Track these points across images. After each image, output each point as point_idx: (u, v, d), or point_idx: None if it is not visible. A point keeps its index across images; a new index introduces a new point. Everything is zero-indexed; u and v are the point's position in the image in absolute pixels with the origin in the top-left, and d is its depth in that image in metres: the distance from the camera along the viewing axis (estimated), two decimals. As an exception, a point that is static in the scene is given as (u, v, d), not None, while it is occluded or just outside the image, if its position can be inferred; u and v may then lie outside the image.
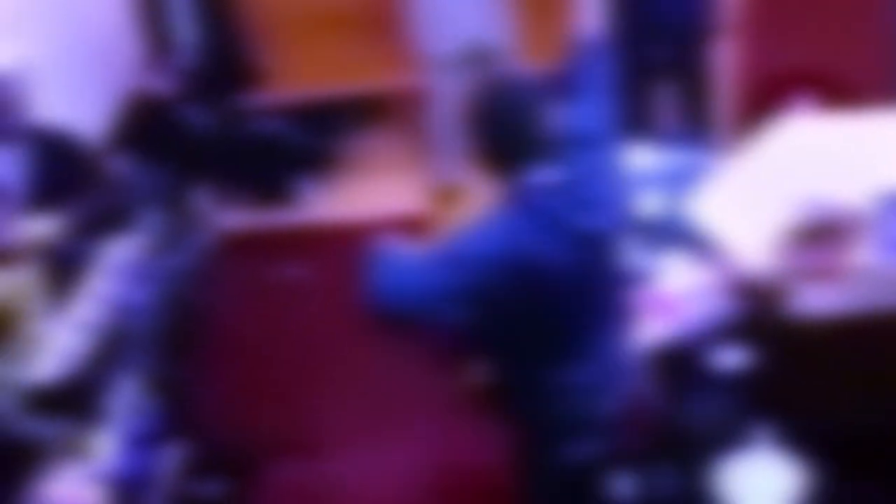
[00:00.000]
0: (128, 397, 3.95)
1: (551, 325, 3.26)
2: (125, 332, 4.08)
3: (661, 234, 3.84)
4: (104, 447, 3.72)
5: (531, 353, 3.32)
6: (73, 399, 3.71)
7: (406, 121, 6.33)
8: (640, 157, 4.26)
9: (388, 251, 3.21)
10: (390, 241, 3.25)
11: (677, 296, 3.58)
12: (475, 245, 3.13)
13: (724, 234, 3.54)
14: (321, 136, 6.54)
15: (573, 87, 3.44)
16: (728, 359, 3.33)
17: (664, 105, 5.99)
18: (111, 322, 4.05)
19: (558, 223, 3.13)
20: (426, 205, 6.00)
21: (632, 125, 5.92)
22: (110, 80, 5.72)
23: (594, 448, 3.42)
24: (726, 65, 5.88)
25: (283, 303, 5.59)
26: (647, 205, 4.00)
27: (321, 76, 6.33)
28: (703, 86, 5.91)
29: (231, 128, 6.41)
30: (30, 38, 4.74)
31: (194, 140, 6.19)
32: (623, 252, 3.61)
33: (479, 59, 5.78)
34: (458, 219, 4.77)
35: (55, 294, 3.99)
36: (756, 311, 3.38)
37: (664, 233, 3.83)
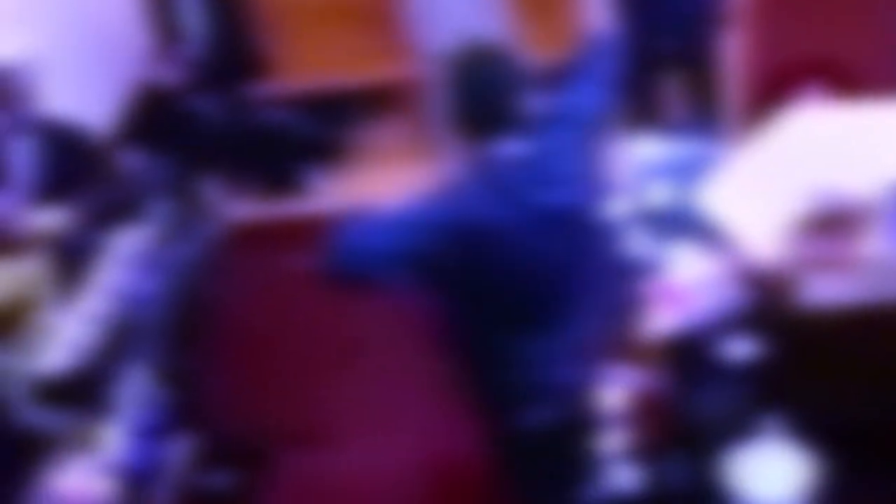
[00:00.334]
0: (136, 388, 3.95)
1: (506, 294, 3.27)
2: (134, 324, 4.09)
3: (669, 224, 3.83)
4: (112, 439, 3.72)
5: (487, 320, 3.34)
6: (81, 390, 3.72)
7: (414, 111, 6.32)
8: (648, 147, 4.25)
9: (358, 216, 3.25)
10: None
11: (686, 286, 3.58)
12: (426, 210, 3.17)
13: (733, 225, 3.53)
14: (329, 126, 6.54)
15: (569, 74, 3.45)
16: (737, 349, 3.33)
17: (673, 95, 5.99)
18: (120, 313, 4.05)
19: (515, 196, 3.15)
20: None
21: (640, 115, 5.95)
22: (118, 71, 5.72)
23: (553, 415, 3.42)
24: (734, 55, 5.87)
25: (291, 293, 5.59)
26: (656, 195, 4.00)
27: (329, 66, 6.33)
28: (711, 76, 5.90)
29: (239, 118, 6.42)
30: (38, 29, 4.75)
31: (203, 130, 6.20)
32: (618, 239, 3.63)
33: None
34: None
35: (64, 285, 4.00)
36: (765, 302, 3.37)
37: (673, 223, 3.83)
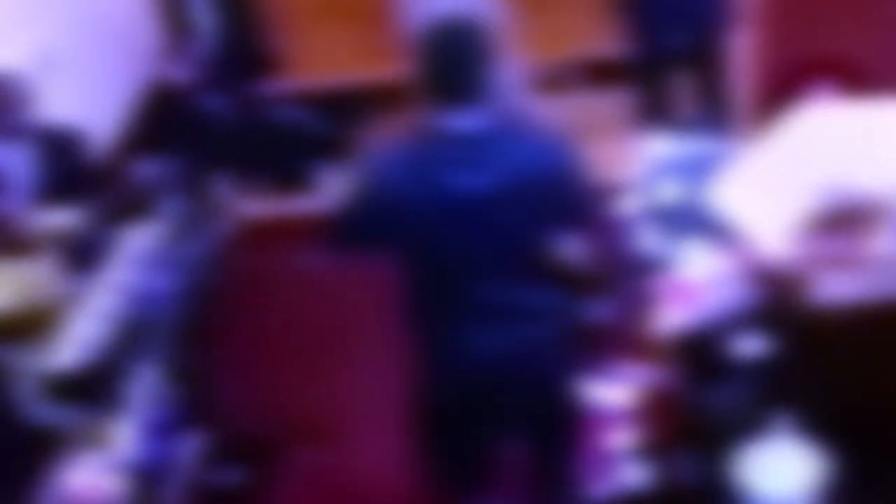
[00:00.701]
0: (147, 386, 3.96)
1: (416, 268, 3.35)
2: (144, 321, 4.09)
3: (680, 221, 3.83)
4: (123, 436, 3.73)
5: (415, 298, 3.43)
6: (92, 387, 3.73)
7: (421, 109, 6.32)
8: (659, 144, 4.25)
9: None
10: None
11: (697, 283, 3.58)
12: (361, 175, 3.30)
13: (744, 222, 3.52)
14: (339, 123, 6.55)
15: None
16: (748, 346, 3.32)
17: (684, 93, 5.99)
18: (130, 311, 4.06)
19: (435, 173, 3.19)
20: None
21: (651, 113, 5.96)
22: (129, 69, 5.73)
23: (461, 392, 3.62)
24: (745, 52, 5.86)
25: (301, 290, 5.60)
26: (667, 192, 4.00)
27: (339, 64, 6.34)
28: (722, 73, 5.91)
29: (249, 116, 6.43)
30: (49, 27, 4.76)
31: (213, 128, 6.21)
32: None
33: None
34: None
35: (75, 282, 4.01)
36: (776, 299, 3.36)
37: (684, 221, 3.82)
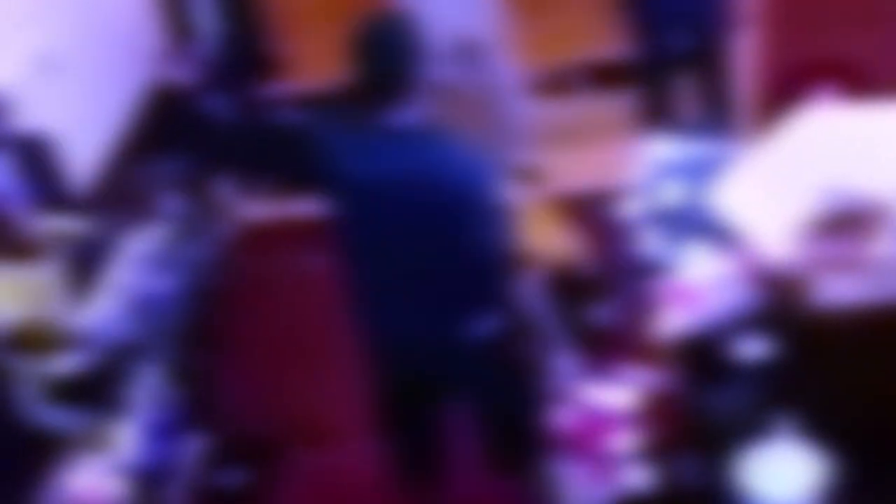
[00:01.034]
0: (149, 388, 3.96)
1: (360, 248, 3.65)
2: (147, 323, 4.09)
3: (682, 224, 3.83)
4: (125, 438, 3.73)
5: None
6: (94, 390, 3.73)
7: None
8: (661, 147, 4.25)
9: None
10: None
11: (699, 286, 3.57)
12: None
13: (746, 225, 3.52)
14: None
15: None
16: (750, 349, 3.32)
17: (686, 95, 5.99)
18: (133, 312, 4.06)
19: (358, 164, 3.47)
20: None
21: (653, 115, 5.95)
22: (131, 71, 5.73)
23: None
24: (748, 54, 5.86)
25: (304, 292, 5.59)
26: (669, 195, 3.99)
27: (341, 67, 6.33)
28: (724, 75, 5.90)
29: (252, 118, 6.42)
30: (51, 29, 4.76)
31: (215, 130, 6.21)
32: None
33: (468, 54, 5.76)
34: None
35: (77, 285, 4.01)
36: (778, 302, 3.36)
37: (686, 223, 3.82)
